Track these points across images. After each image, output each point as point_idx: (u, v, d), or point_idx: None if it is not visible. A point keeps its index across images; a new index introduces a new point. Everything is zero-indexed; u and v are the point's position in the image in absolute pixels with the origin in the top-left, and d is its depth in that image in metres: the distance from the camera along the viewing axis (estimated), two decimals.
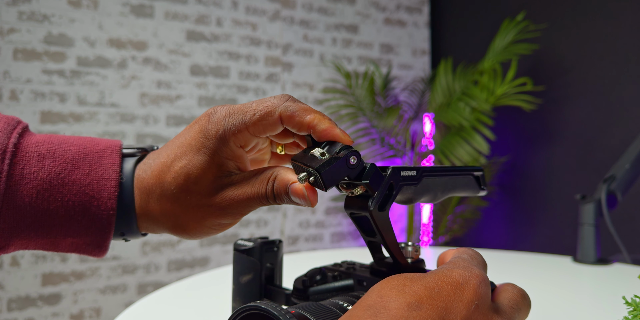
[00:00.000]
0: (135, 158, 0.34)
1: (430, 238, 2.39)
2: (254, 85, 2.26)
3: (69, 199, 0.31)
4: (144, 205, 0.33)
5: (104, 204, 0.32)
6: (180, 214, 0.32)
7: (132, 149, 0.35)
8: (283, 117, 0.30)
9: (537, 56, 2.20)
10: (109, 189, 0.32)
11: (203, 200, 0.31)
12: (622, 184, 0.94)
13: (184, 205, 0.31)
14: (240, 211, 0.32)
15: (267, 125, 0.31)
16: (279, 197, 0.30)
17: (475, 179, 0.36)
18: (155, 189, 0.32)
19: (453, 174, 0.34)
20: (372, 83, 2.25)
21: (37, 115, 1.85)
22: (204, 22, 2.15)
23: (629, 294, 0.55)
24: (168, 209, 0.32)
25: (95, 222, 0.32)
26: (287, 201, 0.30)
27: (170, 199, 0.32)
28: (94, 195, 0.31)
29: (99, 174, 0.32)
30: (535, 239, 2.22)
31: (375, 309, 0.24)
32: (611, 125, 1.92)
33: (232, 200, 0.31)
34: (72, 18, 1.90)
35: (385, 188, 0.30)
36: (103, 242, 0.33)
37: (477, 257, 0.30)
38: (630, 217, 1.79)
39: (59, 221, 0.31)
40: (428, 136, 2.39)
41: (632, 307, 0.38)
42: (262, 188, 0.30)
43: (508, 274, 0.82)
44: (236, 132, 0.30)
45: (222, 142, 0.31)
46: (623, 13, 1.88)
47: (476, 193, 0.37)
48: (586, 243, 0.92)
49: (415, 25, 2.70)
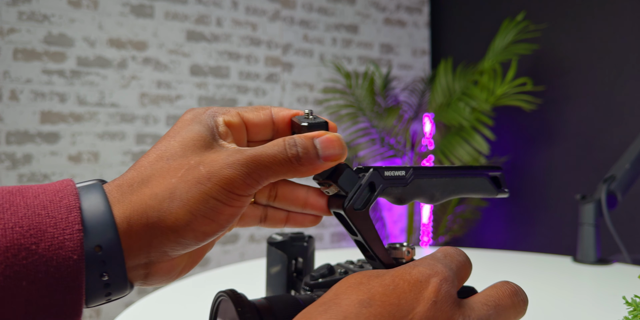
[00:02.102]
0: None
1: (430, 238, 2.39)
2: (254, 85, 2.26)
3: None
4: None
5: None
6: (179, 190, 0.25)
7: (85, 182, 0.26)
8: (275, 110, 0.30)
9: (537, 56, 2.20)
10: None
11: (208, 163, 0.25)
12: (622, 184, 0.94)
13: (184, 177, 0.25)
14: (255, 179, 0.25)
15: (259, 112, 0.29)
16: (307, 155, 0.26)
17: (491, 180, 0.34)
18: (140, 176, 0.25)
19: (456, 175, 0.33)
20: (372, 83, 2.25)
21: (37, 115, 1.85)
22: (204, 22, 2.15)
23: (629, 294, 0.55)
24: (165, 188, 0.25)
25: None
26: (314, 159, 0.26)
27: (166, 171, 0.25)
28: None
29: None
30: (535, 239, 2.22)
31: (327, 305, 0.24)
32: (611, 125, 1.92)
33: (243, 162, 0.25)
34: (72, 18, 1.90)
35: (364, 188, 0.30)
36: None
37: (453, 255, 0.28)
38: (630, 217, 1.78)
39: None
40: (428, 136, 2.39)
41: (632, 307, 0.38)
42: (279, 147, 0.26)
43: (508, 274, 0.82)
44: (226, 111, 0.28)
45: (211, 117, 0.28)
46: (623, 13, 1.88)
47: (493, 195, 0.34)
48: (586, 243, 0.92)
49: (415, 25, 2.70)
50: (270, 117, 0.30)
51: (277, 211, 0.32)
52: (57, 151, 1.88)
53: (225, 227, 0.26)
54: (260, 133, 0.30)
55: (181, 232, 0.25)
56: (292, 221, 0.32)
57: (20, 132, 1.82)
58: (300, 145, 0.26)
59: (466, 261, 0.29)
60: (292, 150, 0.26)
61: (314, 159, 0.27)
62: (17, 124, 1.82)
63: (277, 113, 0.30)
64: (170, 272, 0.27)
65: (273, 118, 0.30)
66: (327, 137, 0.27)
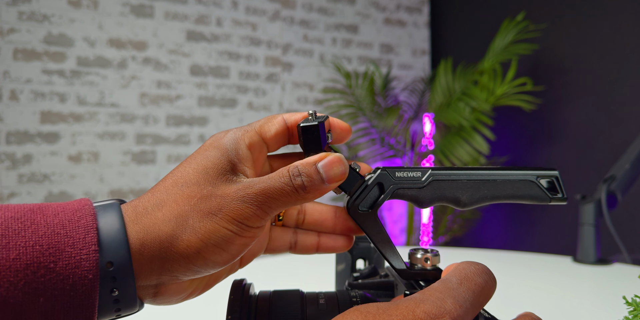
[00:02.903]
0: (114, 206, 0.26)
1: (430, 238, 2.39)
2: (254, 85, 2.26)
3: None
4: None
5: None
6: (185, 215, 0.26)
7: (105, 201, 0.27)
8: (286, 116, 0.30)
9: (537, 56, 2.20)
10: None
11: (216, 193, 0.26)
12: (622, 184, 0.94)
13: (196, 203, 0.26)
14: (262, 211, 0.26)
15: (274, 123, 0.30)
16: (312, 182, 0.27)
17: (540, 184, 0.29)
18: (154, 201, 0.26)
19: (488, 177, 0.29)
20: (372, 83, 2.25)
21: (37, 115, 1.85)
22: (204, 22, 2.15)
23: (629, 294, 0.55)
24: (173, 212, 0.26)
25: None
26: (319, 185, 0.27)
27: (178, 197, 0.26)
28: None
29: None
30: (535, 239, 2.22)
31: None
32: (611, 125, 1.92)
33: (251, 196, 0.26)
34: (72, 18, 1.90)
35: (370, 188, 0.29)
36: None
37: (472, 278, 0.25)
38: (630, 217, 1.78)
39: None
40: (428, 136, 2.39)
41: (632, 307, 0.38)
42: (285, 179, 0.26)
43: (508, 274, 0.82)
44: (245, 133, 0.29)
45: (232, 141, 0.28)
46: (623, 13, 1.88)
47: (545, 201, 0.30)
48: (586, 243, 0.92)
49: (415, 25, 2.70)
50: (285, 125, 0.30)
51: (307, 236, 0.32)
52: (57, 151, 1.88)
53: (237, 257, 0.27)
54: (279, 142, 0.31)
55: (192, 259, 0.25)
56: (323, 247, 0.32)
57: (20, 132, 1.82)
58: (305, 174, 0.27)
59: (487, 282, 0.25)
60: (297, 181, 0.27)
61: (319, 184, 0.27)
62: (17, 124, 1.82)
63: (289, 119, 0.31)
64: (179, 293, 0.28)
65: (287, 125, 0.30)
66: (329, 160, 0.27)
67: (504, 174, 0.29)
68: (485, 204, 0.30)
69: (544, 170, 0.30)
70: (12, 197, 1.80)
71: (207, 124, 2.15)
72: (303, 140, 0.29)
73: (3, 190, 1.79)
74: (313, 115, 0.29)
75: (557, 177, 0.30)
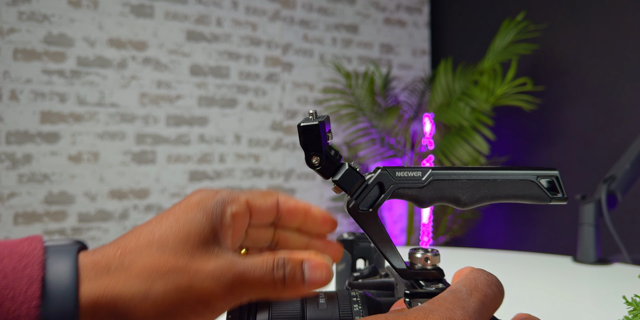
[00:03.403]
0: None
1: (430, 238, 2.39)
2: (254, 85, 2.26)
3: None
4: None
5: None
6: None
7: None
8: (282, 199, 0.30)
9: (537, 56, 2.20)
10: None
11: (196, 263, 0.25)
12: (622, 184, 0.94)
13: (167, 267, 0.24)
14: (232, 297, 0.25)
15: (267, 201, 0.29)
16: (293, 279, 0.26)
17: (540, 183, 0.29)
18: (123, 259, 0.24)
19: (488, 177, 0.29)
20: (372, 83, 2.25)
21: (37, 115, 1.85)
22: (204, 22, 2.15)
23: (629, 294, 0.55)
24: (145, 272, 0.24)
25: None
26: (298, 284, 0.26)
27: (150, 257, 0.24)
28: None
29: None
30: (535, 239, 2.22)
31: None
32: (611, 125, 1.92)
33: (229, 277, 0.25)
34: (72, 18, 1.90)
35: (370, 188, 0.29)
36: None
37: (481, 289, 0.24)
38: (630, 217, 1.78)
39: None
40: (428, 136, 2.39)
41: (632, 307, 0.38)
42: (267, 268, 0.25)
43: (508, 274, 0.82)
44: (234, 200, 0.28)
45: (220, 206, 0.27)
46: (623, 13, 1.88)
47: (545, 201, 0.29)
48: (586, 243, 0.92)
49: (415, 25, 2.70)
50: (276, 205, 0.30)
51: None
52: (57, 151, 1.88)
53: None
54: (264, 218, 0.30)
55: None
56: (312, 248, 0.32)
57: (20, 132, 1.82)
58: (289, 268, 0.26)
59: (495, 295, 0.25)
60: (279, 274, 0.25)
61: (299, 283, 0.26)
62: (17, 124, 1.82)
63: (284, 202, 0.30)
64: None
65: (279, 206, 0.30)
66: (317, 263, 0.26)
67: (504, 173, 0.29)
68: (485, 203, 0.30)
69: (544, 170, 0.30)
70: (12, 197, 1.80)
71: (207, 124, 2.15)
72: (303, 140, 0.29)
73: (3, 190, 1.79)
74: (314, 115, 0.29)
75: (558, 177, 0.30)
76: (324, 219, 0.31)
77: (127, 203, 1.99)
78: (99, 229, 1.94)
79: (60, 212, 1.87)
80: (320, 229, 0.31)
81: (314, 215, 0.31)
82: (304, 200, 0.31)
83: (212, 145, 2.16)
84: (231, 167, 2.20)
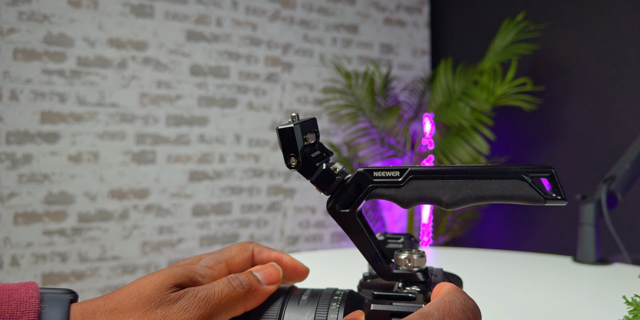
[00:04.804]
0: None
1: (430, 238, 2.39)
2: (254, 85, 2.26)
3: None
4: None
5: None
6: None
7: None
8: (256, 251, 0.33)
9: (537, 56, 2.20)
10: None
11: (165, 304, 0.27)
12: (622, 184, 0.94)
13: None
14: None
15: (244, 256, 0.32)
16: (250, 283, 0.30)
17: (533, 183, 0.26)
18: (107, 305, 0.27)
19: (470, 177, 0.27)
20: (372, 83, 2.25)
21: (37, 115, 1.85)
22: (204, 22, 2.15)
23: (629, 294, 0.55)
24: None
25: None
26: (256, 285, 0.30)
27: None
28: None
29: None
30: (535, 239, 2.22)
31: None
32: (611, 125, 1.92)
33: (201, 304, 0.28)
34: (72, 18, 1.90)
35: (347, 188, 0.29)
36: None
37: (455, 314, 0.23)
38: (630, 217, 1.78)
39: None
40: (428, 136, 2.39)
41: (632, 307, 0.38)
42: (223, 282, 0.29)
43: (508, 274, 0.82)
44: (217, 263, 0.31)
45: (196, 258, 0.31)
46: (623, 13, 1.88)
47: (539, 202, 0.26)
48: (586, 243, 0.92)
49: (415, 25, 2.70)
50: (251, 257, 0.33)
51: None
52: (57, 151, 1.88)
53: None
54: (239, 270, 0.33)
55: None
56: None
57: (20, 132, 1.82)
58: (242, 277, 0.30)
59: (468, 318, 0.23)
60: (235, 282, 0.29)
61: (257, 284, 0.30)
62: (17, 124, 1.82)
63: (258, 254, 0.33)
64: None
65: (253, 258, 0.33)
66: (262, 266, 0.31)
67: (489, 172, 0.27)
68: (471, 204, 0.28)
69: (537, 167, 0.26)
70: (12, 197, 1.80)
71: (207, 124, 2.15)
72: (280, 142, 0.29)
73: (3, 190, 1.79)
74: (296, 118, 0.30)
75: (553, 175, 0.26)
76: (294, 269, 0.34)
77: (127, 203, 1.99)
78: (99, 229, 1.94)
79: (60, 212, 1.87)
80: (291, 277, 0.34)
81: (285, 264, 0.33)
82: (276, 252, 0.34)
83: (212, 145, 2.16)
84: (231, 167, 2.20)
